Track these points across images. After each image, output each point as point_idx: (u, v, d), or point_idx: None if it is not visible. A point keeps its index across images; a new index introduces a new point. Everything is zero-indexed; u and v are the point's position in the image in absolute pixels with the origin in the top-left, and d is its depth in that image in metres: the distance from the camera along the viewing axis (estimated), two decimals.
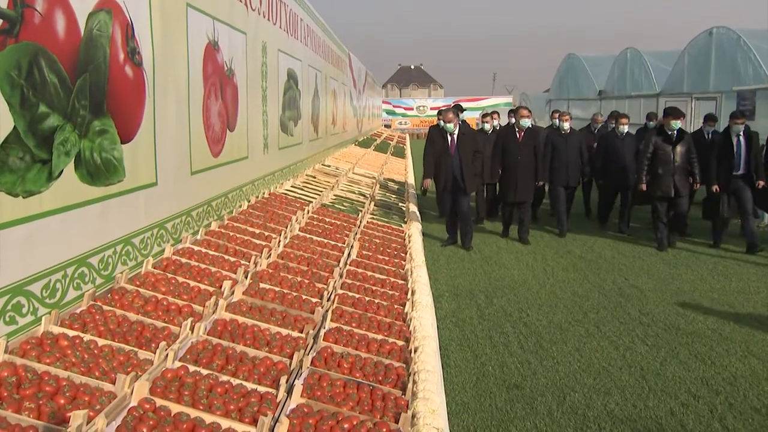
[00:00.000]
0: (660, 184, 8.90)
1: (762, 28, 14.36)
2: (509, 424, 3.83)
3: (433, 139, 9.18)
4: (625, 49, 20.47)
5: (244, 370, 3.30)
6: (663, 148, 8.86)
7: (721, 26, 14.64)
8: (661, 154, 8.85)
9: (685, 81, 16.22)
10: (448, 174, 9.00)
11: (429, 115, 39.78)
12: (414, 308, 4.87)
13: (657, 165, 8.88)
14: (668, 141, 8.86)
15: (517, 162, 9.43)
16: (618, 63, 20.75)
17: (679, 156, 8.79)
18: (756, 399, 4.20)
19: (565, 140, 10.22)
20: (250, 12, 7.01)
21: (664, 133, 8.95)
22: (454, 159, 8.99)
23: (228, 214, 6.11)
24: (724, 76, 14.18)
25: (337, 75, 15.84)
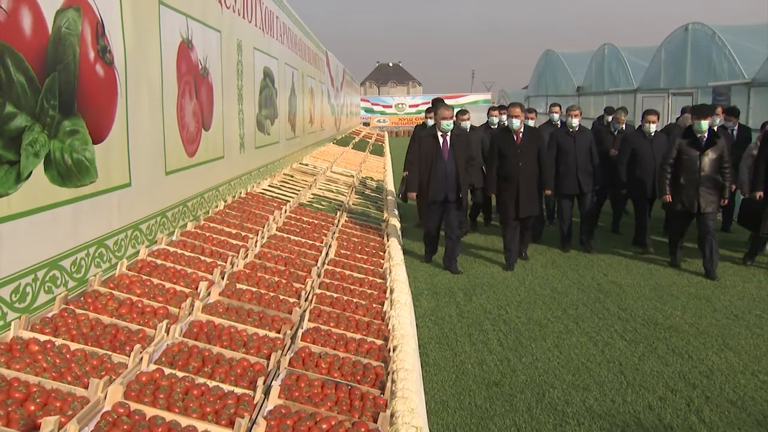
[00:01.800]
0: (681, 197, 7.36)
1: (737, 24, 14.53)
2: (488, 422, 3.82)
3: (420, 141, 7.67)
4: (602, 45, 20.61)
5: (220, 371, 3.27)
6: (688, 153, 7.28)
7: (696, 22, 14.78)
8: (686, 161, 7.30)
9: (661, 77, 16.36)
10: (439, 183, 7.48)
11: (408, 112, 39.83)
12: (392, 307, 4.86)
13: (679, 173, 7.36)
14: (695, 145, 7.27)
15: (518, 170, 7.57)
16: (595, 59, 20.90)
17: (707, 164, 7.19)
18: (732, 392, 4.24)
19: (573, 140, 8.42)
20: (225, 10, 6.95)
21: (692, 135, 7.35)
22: (448, 165, 7.48)
23: (204, 215, 6.05)
24: (700, 72, 14.33)
25: (315, 73, 15.77)
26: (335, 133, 20.42)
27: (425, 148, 7.51)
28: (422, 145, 7.53)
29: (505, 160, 7.64)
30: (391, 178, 13.72)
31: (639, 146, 8.45)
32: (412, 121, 37.40)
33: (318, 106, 16.24)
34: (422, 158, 7.53)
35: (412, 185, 7.68)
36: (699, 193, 7.20)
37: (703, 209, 7.19)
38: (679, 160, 7.36)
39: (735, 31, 13.65)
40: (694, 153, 7.24)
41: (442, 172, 7.46)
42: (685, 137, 7.40)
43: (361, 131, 28.04)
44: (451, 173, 7.44)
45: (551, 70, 25.52)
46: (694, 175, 7.23)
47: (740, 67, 12.55)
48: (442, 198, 7.45)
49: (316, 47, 16.34)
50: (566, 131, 8.50)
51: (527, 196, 7.65)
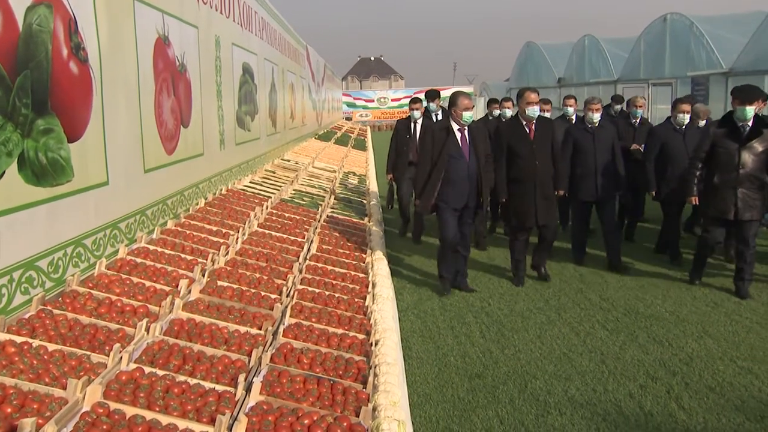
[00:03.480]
0: (714, 200, 6.01)
1: (714, 14, 14.68)
2: (471, 414, 3.84)
3: (433, 137, 6.13)
4: (582, 36, 20.75)
5: (201, 369, 3.26)
6: (725, 146, 5.89)
7: (674, 12, 14.92)
8: (722, 155, 5.91)
9: (641, 67, 16.51)
10: (460, 187, 6.07)
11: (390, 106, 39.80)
12: (375, 301, 4.86)
13: (715, 169, 6.00)
14: (734, 136, 5.86)
15: (535, 169, 6.27)
16: (576, 50, 21.03)
17: (749, 160, 5.80)
18: (711, 378, 4.29)
19: (593, 138, 6.98)
20: (202, 5, 6.89)
21: (730, 124, 5.94)
22: (470, 164, 6.09)
23: (184, 212, 6.02)
24: (679, 62, 14.47)
25: (295, 68, 15.70)
26: (317, 129, 20.36)
27: (437, 146, 6.08)
28: (435, 143, 6.10)
29: (518, 159, 6.31)
30: (374, 172, 13.72)
31: (669, 141, 7.14)
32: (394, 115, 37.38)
33: (299, 102, 16.18)
34: (433, 158, 6.11)
35: (429, 192, 6.09)
36: (736, 196, 5.84)
37: (740, 215, 5.85)
38: (713, 154, 5.99)
39: (712, 21, 13.79)
40: (732, 146, 5.84)
41: (463, 173, 6.04)
42: (721, 126, 6.00)
43: (343, 126, 28.00)
44: (474, 175, 6.08)
45: (532, 62, 25.63)
46: (730, 173, 5.85)
47: (718, 57, 12.69)
48: (462, 205, 6.13)
49: (296, 42, 16.27)
50: (585, 128, 7.06)
51: (545, 200, 6.38)
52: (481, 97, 34.57)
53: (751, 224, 5.93)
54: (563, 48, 22.70)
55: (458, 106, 6.09)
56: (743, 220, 5.88)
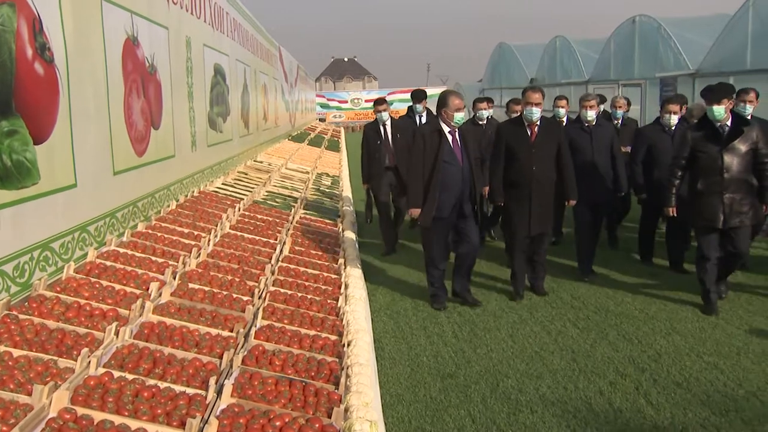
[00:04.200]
0: (701, 208, 5.54)
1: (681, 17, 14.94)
2: (443, 413, 3.86)
3: (425, 141, 5.69)
4: (554, 37, 20.96)
5: (172, 372, 3.24)
6: (705, 149, 5.47)
7: (643, 14, 15.14)
8: (703, 159, 5.48)
9: (611, 68, 16.72)
10: (455, 194, 5.66)
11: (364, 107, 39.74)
12: (347, 302, 4.87)
13: (697, 175, 5.58)
14: (714, 138, 5.44)
15: (532, 174, 5.85)
16: (548, 51, 21.25)
17: (733, 162, 5.37)
18: (678, 374, 4.36)
19: (590, 137, 6.58)
20: (172, 6, 6.84)
21: (708, 126, 5.53)
22: (464, 169, 5.71)
23: (155, 215, 5.96)
24: (648, 63, 14.69)
25: (267, 69, 15.64)
26: (290, 130, 20.29)
27: (431, 151, 5.63)
28: (426, 146, 5.66)
29: (516, 162, 5.91)
30: (347, 173, 13.70)
31: (657, 142, 6.81)
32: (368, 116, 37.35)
33: (272, 103, 16.11)
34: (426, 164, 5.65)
35: (416, 197, 5.69)
36: (723, 202, 5.40)
37: (728, 222, 5.41)
38: (694, 159, 5.57)
39: (679, 24, 14.03)
40: (713, 149, 5.40)
41: (457, 179, 5.64)
42: (699, 129, 5.59)
43: (317, 127, 27.94)
44: (467, 180, 5.70)
45: (505, 62, 25.83)
46: (714, 178, 5.41)
47: (685, 58, 12.90)
48: (455, 214, 5.73)
49: (269, 43, 16.21)
50: (581, 126, 6.65)
51: (541, 208, 5.93)
52: None
53: (740, 230, 5.45)
54: (535, 49, 22.91)
55: (449, 106, 5.67)
56: (732, 227, 5.42)
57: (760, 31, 10.28)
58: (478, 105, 7.93)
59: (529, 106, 5.89)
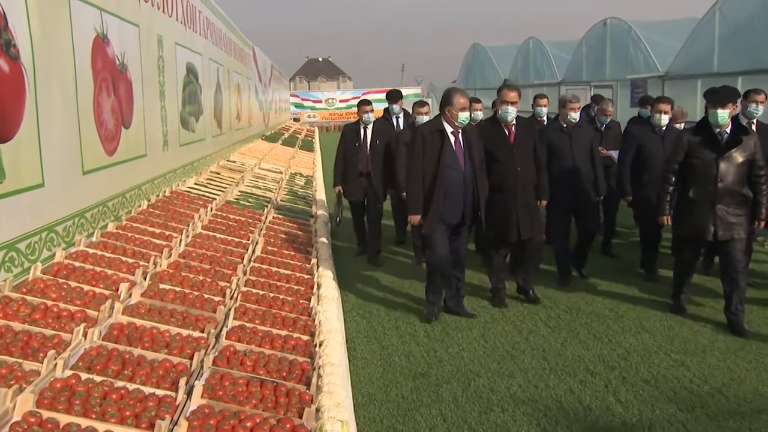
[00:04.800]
0: (689, 218, 5.26)
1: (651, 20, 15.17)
2: (415, 413, 3.88)
3: (424, 143, 5.27)
4: (527, 38, 21.16)
5: (141, 374, 3.21)
6: (700, 155, 5.16)
7: (614, 17, 15.35)
8: (698, 166, 5.17)
9: (583, 70, 16.93)
10: (456, 200, 5.30)
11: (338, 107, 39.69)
12: (319, 302, 4.87)
13: (690, 182, 5.26)
14: (711, 145, 5.13)
15: (517, 177, 5.59)
16: (521, 52, 21.45)
17: (728, 172, 5.07)
18: (646, 371, 4.43)
19: (570, 138, 6.28)
20: (143, 3, 6.77)
21: (707, 131, 5.20)
22: (466, 174, 5.32)
23: (126, 215, 5.90)
24: (619, 65, 14.89)
25: (241, 69, 15.54)
26: (264, 129, 20.19)
27: (433, 153, 5.23)
28: (426, 149, 5.25)
29: (497, 164, 5.58)
30: (321, 173, 13.67)
31: (647, 143, 6.52)
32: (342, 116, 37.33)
33: (245, 102, 16.02)
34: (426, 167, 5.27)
35: (416, 204, 5.29)
36: (714, 213, 5.10)
37: (720, 235, 5.10)
38: (688, 165, 5.26)
39: (649, 27, 14.26)
40: (709, 156, 5.11)
41: (459, 185, 5.28)
42: (696, 134, 5.26)
43: (291, 127, 27.84)
44: (470, 185, 5.33)
45: (479, 63, 26.01)
46: (707, 186, 5.11)
47: (655, 61, 13.10)
48: (457, 221, 5.39)
49: (242, 42, 16.12)
50: (560, 127, 6.36)
51: (528, 212, 5.66)
52: (429, 98, 34.83)
53: (734, 243, 5.14)
54: (509, 50, 23.11)
55: (454, 105, 5.23)
56: (723, 240, 5.12)
57: (727, 35, 10.48)
58: (418, 109, 7.11)
59: (505, 105, 5.58)
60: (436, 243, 5.36)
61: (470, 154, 5.32)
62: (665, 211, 5.53)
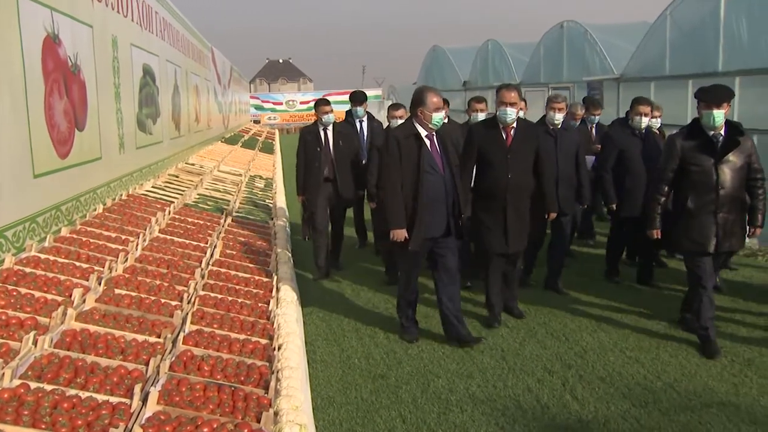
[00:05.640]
0: (691, 230, 4.79)
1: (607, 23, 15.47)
2: (374, 415, 3.88)
3: (400, 148, 4.82)
4: (486, 40, 21.34)
5: (94, 381, 3.14)
6: (698, 161, 4.73)
7: (570, 20, 15.58)
8: (696, 173, 4.74)
9: (541, 72, 17.14)
10: (439, 209, 4.87)
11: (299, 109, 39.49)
12: (278, 305, 4.84)
13: (688, 192, 4.80)
14: (708, 149, 4.71)
15: (507, 183, 5.18)
16: (480, 54, 21.61)
17: (729, 177, 4.67)
18: (602, 369, 4.51)
19: (555, 142, 5.99)
20: (96, 3, 6.64)
21: (701, 135, 4.78)
22: (446, 179, 4.90)
23: (81, 219, 5.78)
24: (576, 67, 15.12)
25: (199, 70, 15.36)
26: (223, 132, 19.98)
27: (411, 159, 4.79)
28: (402, 153, 4.80)
29: (489, 169, 5.25)
30: (281, 175, 13.59)
31: (628, 148, 6.24)
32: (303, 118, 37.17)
33: (204, 104, 15.84)
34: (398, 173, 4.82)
35: (398, 217, 4.79)
36: (717, 223, 4.69)
37: (720, 246, 4.73)
38: (684, 173, 4.82)
39: (604, 30, 14.52)
40: (707, 162, 4.68)
41: (440, 192, 4.85)
42: (689, 138, 4.81)
43: (251, 129, 27.63)
44: (451, 192, 4.90)
45: (438, 65, 26.15)
46: (708, 195, 4.69)
47: (610, 63, 13.35)
48: (440, 233, 4.90)
49: (201, 44, 15.93)
50: (546, 130, 6.00)
51: (518, 222, 5.27)
52: (389, 99, 34.89)
53: (729, 254, 4.93)
54: (468, 52, 23.26)
55: (426, 105, 4.81)
56: (722, 251, 4.81)
57: (678, 39, 10.72)
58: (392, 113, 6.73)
59: (503, 106, 5.19)
60: (413, 261, 4.99)
61: (447, 157, 4.95)
62: (656, 225, 5.06)
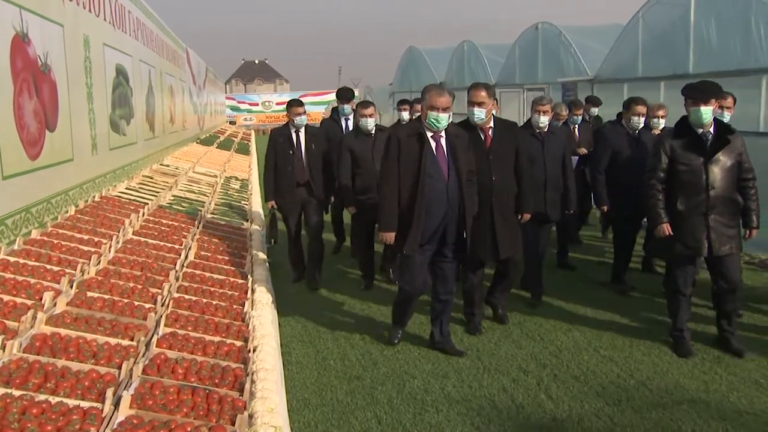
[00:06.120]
0: (681, 233, 4.66)
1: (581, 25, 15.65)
2: (350, 416, 3.88)
3: (400, 149, 4.55)
4: (462, 42, 21.46)
5: (65, 386, 3.10)
6: (687, 161, 4.61)
7: (545, 22, 15.74)
8: (684, 173, 4.62)
9: (516, 73, 17.29)
10: (438, 216, 4.54)
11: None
12: (253, 307, 4.82)
13: (677, 193, 4.68)
14: (697, 148, 4.60)
15: (491, 187, 4.96)
16: (456, 55, 21.75)
17: (719, 177, 4.56)
18: (576, 368, 4.55)
19: (542, 145, 5.76)
20: (67, 2, 6.55)
21: (690, 133, 4.66)
22: (450, 186, 4.55)
23: (52, 221, 5.69)
24: (550, 69, 15.29)
25: (174, 71, 15.24)
26: (199, 133, 19.84)
27: (411, 161, 4.49)
28: (402, 154, 4.53)
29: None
30: (257, 176, 13.52)
31: (622, 148, 6.07)
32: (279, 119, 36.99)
33: (179, 105, 15.71)
34: (395, 174, 4.55)
35: (389, 222, 4.60)
36: (708, 225, 4.56)
37: (716, 250, 4.57)
38: (672, 173, 4.69)
39: (578, 31, 14.70)
40: (697, 161, 4.56)
41: (441, 198, 4.51)
42: (678, 137, 4.69)
43: (227, 130, 27.44)
44: (455, 200, 4.55)
45: (414, 66, 26.24)
46: (698, 196, 4.57)
47: (584, 65, 13.50)
48: (438, 241, 4.64)
49: (176, 44, 15.80)
50: (532, 133, 5.77)
51: (506, 226, 5.04)
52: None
53: (732, 258, 4.65)
54: (444, 53, 23.41)
55: (426, 102, 4.54)
56: (720, 254, 4.59)
57: (650, 42, 10.89)
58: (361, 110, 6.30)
59: (470, 106, 4.94)
60: (413, 266, 4.66)
61: (455, 163, 4.56)
62: (663, 219, 4.72)
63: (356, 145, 6.22)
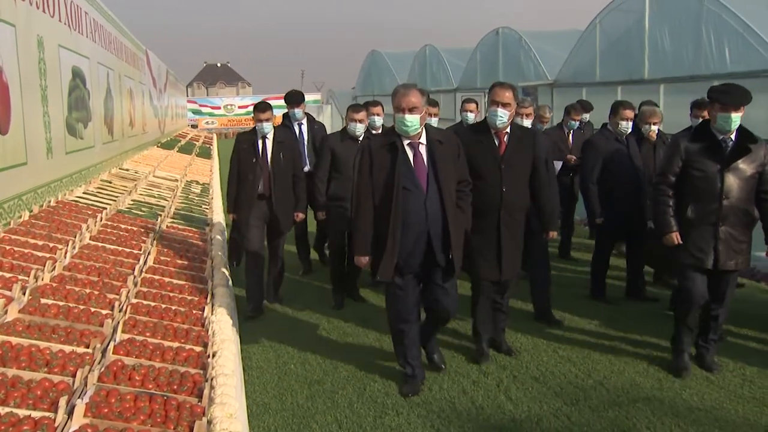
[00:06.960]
0: (688, 241, 4.36)
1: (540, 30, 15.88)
2: (310, 420, 3.86)
3: (372, 161, 4.06)
4: (424, 46, 21.57)
5: (15, 396, 3.03)
6: (702, 167, 4.26)
7: (506, 27, 15.92)
8: (698, 179, 4.29)
9: (478, 77, 17.42)
10: (416, 234, 4.03)
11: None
12: (213, 312, 4.77)
13: (688, 199, 4.36)
14: (715, 154, 4.25)
15: (500, 198, 4.49)
16: (418, 59, 21.84)
17: (735, 186, 4.21)
18: (536, 369, 4.61)
19: None
20: (19, 2, 6.40)
21: (708, 138, 4.31)
22: (430, 199, 4.02)
23: (4, 227, 5.55)
24: (511, 73, 15.43)
25: (134, 73, 15.01)
26: (159, 136, 19.57)
27: (385, 174, 4.00)
28: (374, 167, 4.04)
29: (479, 181, 4.40)
30: (218, 180, 13.41)
31: (613, 156, 5.83)
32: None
33: (139, 108, 15.48)
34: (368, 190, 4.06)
35: (363, 244, 4.12)
36: (717, 236, 4.25)
37: (721, 264, 4.27)
38: (685, 177, 4.36)
39: (538, 36, 14.90)
40: (713, 168, 4.23)
41: (418, 214, 4.00)
42: (695, 140, 4.35)
43: (188, 134, 27.13)
44: (436, 215, 4.02)
45: (377, 69, 26.28)
46: (710, 204, 4.24)
47: (544, 69, 13.69)
48: (418, 263, 4.11)
49: (135, 46, 15.57)
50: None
51: (513, 245, 4.59)
52: (328, 104, 34.87)
53: (731, 276, 4.41)
54: (406, 57, 23.48)
55: (394, 105, 4.07)
56: (725, 269, 4.29)
57: (607, 47, 11.09)
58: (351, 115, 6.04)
59: (494, 106, 4.45)
60: (398, 293, 4.17)
61: (436, 173, 4.04)
62: (672, 227, 4.40)
63: (339, 147, 5.86)
